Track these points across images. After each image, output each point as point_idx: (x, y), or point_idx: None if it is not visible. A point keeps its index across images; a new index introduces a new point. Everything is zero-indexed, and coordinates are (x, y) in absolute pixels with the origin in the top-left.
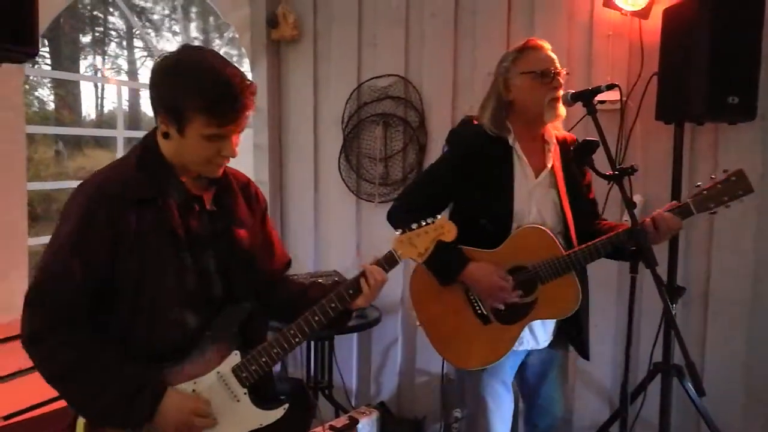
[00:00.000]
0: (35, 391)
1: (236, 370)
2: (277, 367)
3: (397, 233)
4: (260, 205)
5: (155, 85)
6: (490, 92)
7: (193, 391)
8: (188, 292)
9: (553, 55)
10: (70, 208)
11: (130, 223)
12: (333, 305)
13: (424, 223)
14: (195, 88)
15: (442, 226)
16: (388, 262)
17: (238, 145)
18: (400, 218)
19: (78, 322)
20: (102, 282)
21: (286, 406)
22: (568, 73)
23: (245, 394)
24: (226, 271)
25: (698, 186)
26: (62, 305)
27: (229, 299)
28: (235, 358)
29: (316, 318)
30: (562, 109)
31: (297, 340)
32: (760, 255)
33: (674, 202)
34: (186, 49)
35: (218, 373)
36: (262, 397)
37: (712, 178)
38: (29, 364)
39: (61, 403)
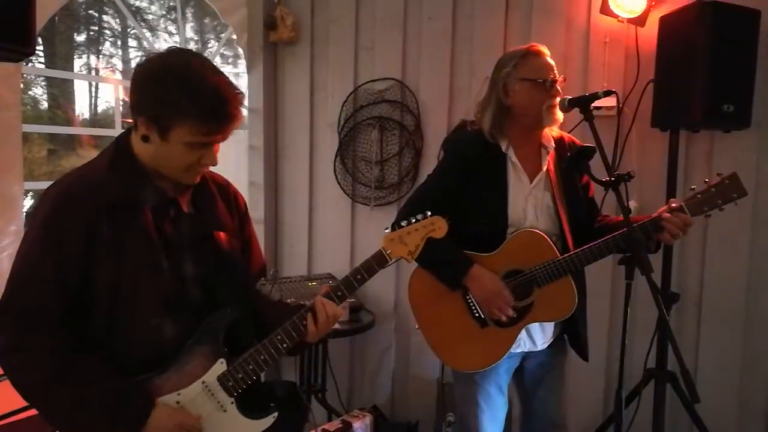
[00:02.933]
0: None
1: (222, 379)
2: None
3: (386, 231)
4: (240, 207)
5: (139, 88)
6: (488, 96)
7: (177, 403)
8: (166, 299)
9: (552, 62)
10: (38, 212)
11: (103, 227)
12: (284, 342)
13: (413, 220)
14: (184, 94)
15: (433, 223)
16: (378, 261)
17: (217, 152)
18: None
19: (54, 331)
20: (76, 288)
21: (276, 414)
22: (565, 80)
23: (232, 403)
24: (206, 277)
25: (692, 189)
26: (36, 313)
27: (211, 306)
28: (220, 366)
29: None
30: (559, 114)
31: (285, 345)
32: (754, 262)
33: (672, 200)
34: (173, 54)
35: (203, 383)
36: (250, 406)
37: (705, 181)
38: None
39: None
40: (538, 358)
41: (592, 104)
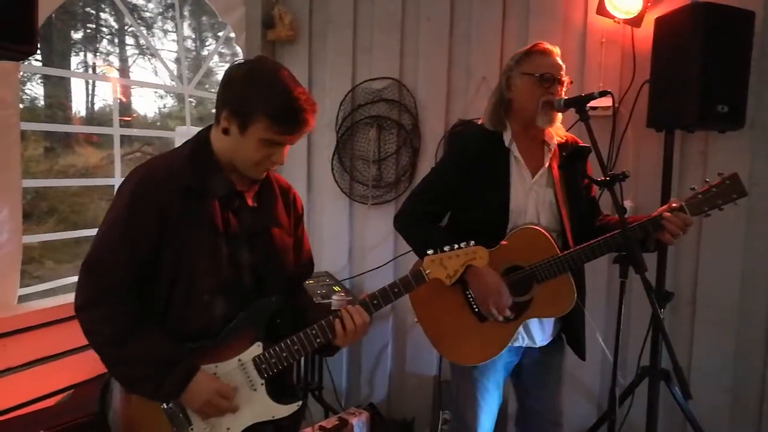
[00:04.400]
0: (26, 388)
1: (257, 361)
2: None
3: (429, 252)
4: (297, 210)
5: (228, 85)
6: (495, 89)
7: (214, 374)
8: (221, 280)
9: (561, 63)
10: (123, 189)
11: (175, 208)
12: (317, 336)
13: (456, 246)
14: (268, 94)
15: (475, 252)
16: (416, 279)
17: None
18: (408, 224)
19: (126, 295)
20: (148, 260)
21: (300, 403)
22: (572, 82)
23: (262, 384)
24: (258, 266)
25: (693, 189)
26: (112, 277)
27: (260, 293)
28: (257, 349)
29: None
30: (555, 116)
31: (318, 341)
32: (747, 261)
33: (673, 199)
34: (264, 60)
35: (239, 360)
36: (278, 391)
37: (706, 181)
38: (18, 362)
39: (49, 402)
40: (537, 356)
41: (588, 104)
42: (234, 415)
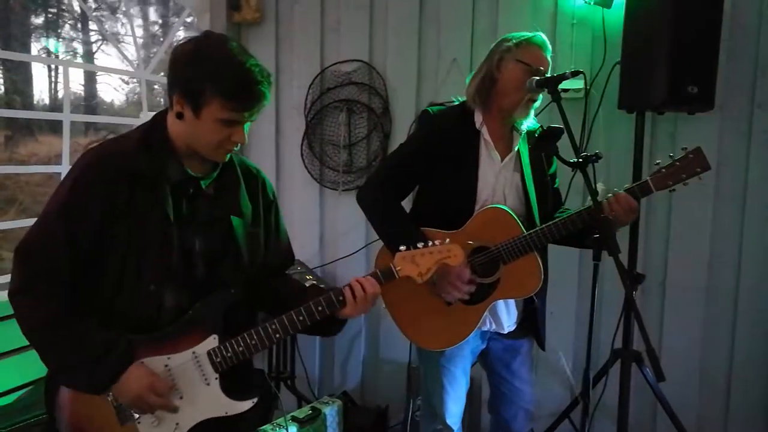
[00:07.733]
0: None
1: (211, 354)
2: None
3: (402, 249)
4: (267, 196)
5: (176, 66)
6: (483, 64)
7: (166, 366)
8: (169, 269)
9: (549, 60)
10: (70, 173)
11: (123, 194)
12: (320, 308)
13: (430, 243)
14: (217, 71)
15: (449, 250)
16: (386, 276)
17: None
18: (372, 200)
19: (61, 281)
20: (89, 248)
21: (255, 399)
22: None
23: (216, 379)
24: (211, 256)
25: (657, 164)
26: (47, 262)
27: (213, 284)
28: (212, 341)
29: (301, 318)
30: (532, 112)
31: (278, 336)
32: (715, 242)
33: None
34: (210, 35)
35: (194, 353)
36: (233, 387)
37: (670, 156)
38: None
39: (7, 399)
40: (504, 342)
41: (560, 86)
42: (184, 409)
